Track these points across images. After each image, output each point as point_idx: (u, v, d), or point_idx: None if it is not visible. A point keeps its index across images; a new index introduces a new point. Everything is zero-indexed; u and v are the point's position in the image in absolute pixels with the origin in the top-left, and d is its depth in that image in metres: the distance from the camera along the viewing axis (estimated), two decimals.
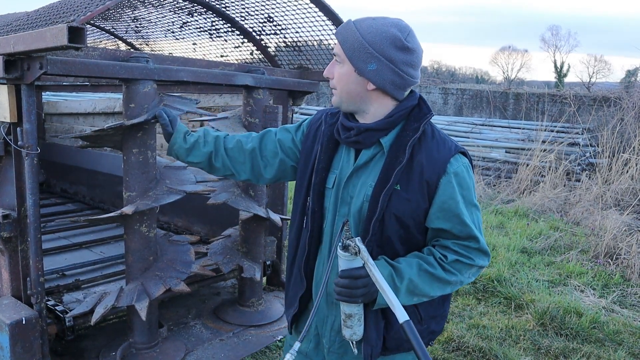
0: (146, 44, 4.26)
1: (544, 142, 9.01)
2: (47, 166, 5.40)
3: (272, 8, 3.12)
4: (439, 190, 1.47)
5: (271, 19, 3.22)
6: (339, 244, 1.40)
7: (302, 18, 3.08)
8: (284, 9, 3.09)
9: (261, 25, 3.32)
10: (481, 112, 12.23)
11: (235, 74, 2.70)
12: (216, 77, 2.61)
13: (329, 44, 3.19)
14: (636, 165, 7.88)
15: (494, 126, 10.60)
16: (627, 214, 6.48)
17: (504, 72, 35.24)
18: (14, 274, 2.31)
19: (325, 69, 1.54)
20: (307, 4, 2.95)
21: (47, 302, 2.55)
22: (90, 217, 2.43)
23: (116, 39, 4.37)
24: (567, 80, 26.31)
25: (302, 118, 1.85)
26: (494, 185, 8.98)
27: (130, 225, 2.41)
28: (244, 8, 3.22)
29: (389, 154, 1.50)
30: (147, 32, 4.05)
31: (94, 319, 2.31)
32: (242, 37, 3.48)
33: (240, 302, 3.17)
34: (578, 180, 8.43)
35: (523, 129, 10.09)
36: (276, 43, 3.42)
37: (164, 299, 2.95)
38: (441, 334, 3.05)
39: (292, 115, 3.44)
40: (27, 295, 2.27)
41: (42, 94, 5.55)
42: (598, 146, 9.05)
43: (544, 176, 8.49)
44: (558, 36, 32.60)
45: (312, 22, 3.07)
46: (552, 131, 9.38)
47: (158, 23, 3.79)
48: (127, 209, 2.27)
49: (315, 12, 2.99)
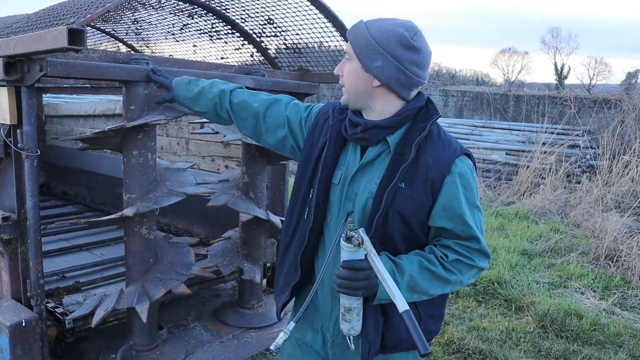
0: (146, 46, 4.27)
1: (544, 144, 9.01)
2: (47, 168, 5.41)
3: (273, 10, 3.13)
4: (443, 190, 1.49)
5: (271, 21, 3.22)
6: (342, 235, 1.41)
7: (303, 20, 3.08)
8: (284, 11, 3.09)
9: (261, 27, 3.32)
10: (482, 114, 12.23)
11: (235, 75, 2.71)
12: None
13: (329, 46, 3.19)
14: (637, 168, 7.88)
15: (495, 128, 10.60)
16: (628, 216, 6.48)
17: (504, 74, 35.26)
18: (14, 276, 2.31)
19: (324, 70, 1.56)
20: (307, 6, 2.96)
21: (47, 304, 2.55)
22: (90, 220, 2.43)
23: (116, 41, 4.38)
24: (567, 82, 26.31)
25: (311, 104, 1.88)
26: (494, 187, 8.98)
27: (130, 227, 2.41)
28: (244, 10, 3.22)
29: (395, 152, 1.51)
30: (147, 34, 4.06)
31: (95, 321, 2.31)
32: (242, 39, 3.49)
33: (240, 304, 3.17)
34: (578, 182, 8.43)
35: (523, 131, 10.09)
36: (276, 45, 3.42)
37: (163, 300, 2.95)
38: (441, 335, 3.06)
39: None
40: (27, 298, 2.27)
41: (42, 96, 5.56)
42: (598, 148, 9.05)
43: (545, 178, 8.49)
44: (558, 38, 32.58)
45: (312, 24, 3.07)
46: (553, 133, 9.37)
47: (158, 25, 3.79)
48: (128, 211, 2.27)
49: (316, 14, 2.99)
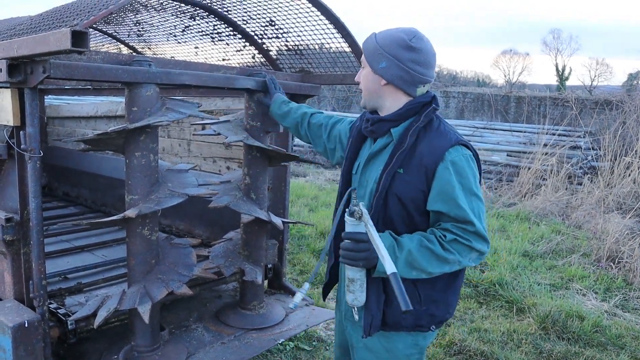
0: (148, 48, 4.28)
1: (545, 145, 9.01)
2: (49, 169, 5.42)
3: (274, 12, 3.13)
4: (436, 176, 1.64)
5: (273, 23, 3.23)
6: (347, 210, 1.59)
7: (304, 22, 3.09)
8: (286, 13, 3.10)
9: (263, 28, 3.33)
10: (482, 115, 12.23)
11: (237, 77, 2.71)
12: (218, 80, 2.62)
13: (331, 47, 3.20)
14: (638, 169, 7.87)
15: (496, 129, 10.61)
16: (629, 218, 6.47)
17: (505, 76, 35.26)
18: (17, 277, 2.31)
19: (326, 72, 1.76)
20: (309, 7, 2.96)
21: (50, 305, 2.56)
22: (92, 221, 2.43)
23: (118, 43, 4.39)
24: (568, 83, 26.30)
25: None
26: (496, 189, 8.97)
27: (132, 228, 2.41)
28: (246, 12, 3.23)
29: (397, 141, 1.71)
30: (149, 36, 4.07)
31: (97, 322, 2.32)
32: (244, 40, 3.49)
33: (242, 305, 3.17)
34: (580, 184, 8.42)
35: (525, 132, 10.09)
36: (278, 47, 3.43)
37: (165, 301, 2.95)
38: (442, 337, 3.05)
39: None
40: (29, 298, 2.27)
41: (45, 97, 5.57)
42: (600, 149, 9.04)
43: (546, 179, 8.49)
44: (560, 39, 32.58)
45: (314, 25, 3.08)
46: (554, 134, 9.37)
47: (160, 27, 3.80)
48: (130, 212, 2.27)
49: (317, 15, 3.00)
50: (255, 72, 2.87)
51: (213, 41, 3.67)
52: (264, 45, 3.46)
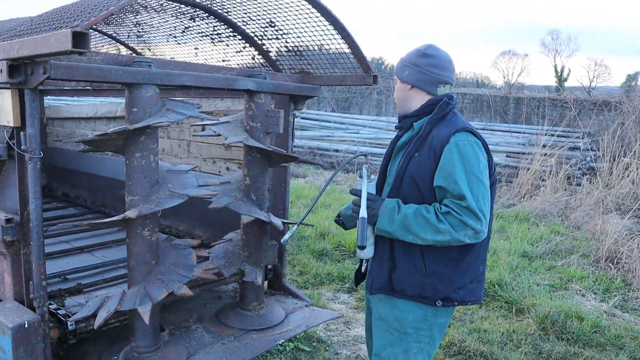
0: (148, 49, 4.28)
1: (544, 146, 9.02)
2: (48, 170, 5.42)
3: (274, 13, 3.14)
4: (442, 156, 1.88)
5: (273, 24, 3.23)
6: (359, 174, 1.98)
7: (304, 23, 3.09)
8: (285, 14, 3.10)
9: (263, 30, 3.33)
10: (482, 116, 12.23)
11: (237, 78, 2.71)
12: (218, 81, 2.62)
13: (330, 48, 3.20)
14: (637, 170, 7.88)
15: (495, 130, 10.62)
16: (628, 218, 6.48)
17: (504, 77, 35.22)
18: (17, 277, 2.31)
19: (325, 73, 2.24)
20: (308, 8, 2.97)
21: (50, 306, 2.56)
22: (92, 221, 2.43)
23: (118, 44, 4.39)
24: (567, 84, 26.29)
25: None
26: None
27: (132, 229, 2.41)
28: (245, 13, 3.23)
29: (417, 132, 2.01)
30: (149, 37, 4.07)
31: (97, 322, 2.32)
32: (243, 41, 3.50)
33: (242, 306, 3.17)
34: (579, 185, 8.44)
35: (524, 133, 10.10)
36: (278, 48, 3.43)
37: (165, 302, 2.95)
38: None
39: (293, 119, 3.45)
40: (29, 299, 2.27)
41: (44, 98, 5.57)
42: (599, 150, 9.06)
43: (545, 180, 8.50)
44: (558, 40, 32.52)
45: (313, 27, 3.08)
46: (553, 135, 9.39)
47: (160, 28, 3.80)
48: (131, 213, 2.28)
49: (317, 17, 3.00)
50: (255, 73, 2.87)
51: (213, 42, 3.67)
52: (264, 47, 3.46)
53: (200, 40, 3.73)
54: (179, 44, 3.93)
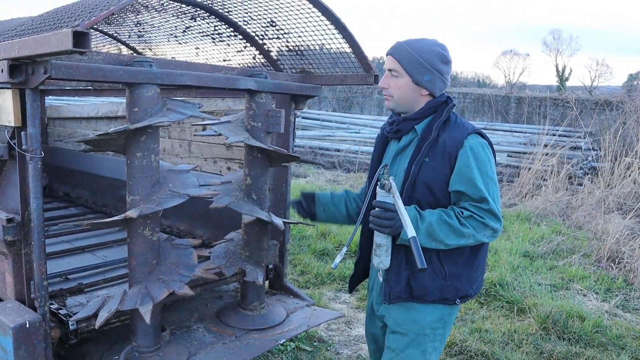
0: (149, 49, 4.28)
1: (546, 146, 9.01)
2: (49, 170, 5.42)
3: (275, 13, 3.13)
4: (457, 160, 1.87)
5: (274, 24, 3.23)
6: (378, 183, 1.84)
7: (305, 22, 3.09)
8: (286, 14, 3.10)
9: (264, 29, 3.33)
10: (483, 116, 12.22)
11: (237, 78, 2.71)
12: (219, 81, 2.62)
13: (331, 48, 3.20)
14: (638, 169, 7.87)
15: (496, 130, 10.61)
16: (630, 218, 6.47)
17: (505, 76, 35.19)
18: (18, 277, 2.31)
19: (326, 72, 1.86)
20: (309, 8, 2.96)
21: (51, 306, 2.56)
22: (93, 221, 2.43)
23: (119, 43, 4.39)
24: (569, 84, 26.28)
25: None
26: None
27: (133, 229, 2.41)
28: (246, 12, 3.23)
29: (421, 136, 1.96)
30: (149, 37, 4.07)
31: (99, 322, 2.31)
32: (244, 41, 3.50)
33: (243, 305, 3.17)
34: (580, 184, 8.42)
35: (525, 132, 10.10)
36: (279, 47, 3.43)
37: (166, 302, 2.95)
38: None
39: (294, 119, 3.45)
40: (30, 299, 2.27)
41: (45, 98, 5.57)
42: (600, 150, 9.04)
43: (546, 180, 8.49)
44: (560, 40, 32.49)
45: (314, 26, 3.08)
46: (554, 135, 9.38)
47: (161, 27, 3.80)
48: (131, 213, 2.27)
49: (318, 16, 3.00)
50: (256, 73, 2.87)
51: (214, 42, 3.67)
52: (265, 46, 3.46)
53: (201, 39, 3.73)
54: (179, 43, 3.93)
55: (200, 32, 3.64)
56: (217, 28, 3.50)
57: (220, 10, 3.28)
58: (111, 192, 4.83)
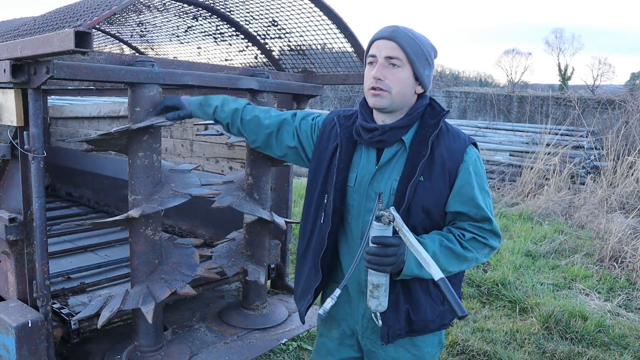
0: (151, 48, 4.28)
1: (548, 145, 9.00)
2: (51, 170, 5.43)
3: (277, 12, 3.13)
4: (458, 177, 1.64)
5: (275, 23, 3.23)
6: (373, 216, 1.52)
7: (307, 22, 3.09)
8: (288, 13, 3.10)
9: (265, 29, 3.33)
10: (485, 115, 12.21)
11: (239, 77, 2.71)
12: (221, 80, 2.62)
13: (333, 47, 3.20)
14: None
15: (498, 129, 10.59)
16: (632, 217, 6.46)
17: (507, 75, 35.17)
18: (20, 277, 2.32)
19: (328, 72, 1.61)
20: (311, 7, 2.96)
21: (53, 305, 2.56)
22: (95, 221, 2.44)
23: (121, 43, 4.40)
24: (571, 83, 26.22)
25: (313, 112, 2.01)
26: (498, 189, 8.96)
27: (135, 228, 2.42)
28: (248, 12, 3.23)
29: (411, 149, 1.65)
30: (151, 37, 4.07)
31: (101, 322, 2.32)
32: (246, 41, 3.50)
33: (245, 305, 3.17)
34: (582, 184, 8.41)
35: (527, 132, 10.07)
36: (280, 47, 3.43)
37: (168, 302, 2.95)
38: (445, 337, 3.03)
39: None
40: (33, 298, 2.27)
41: (47, 97, 5.58)
42: (603, 149, 9.02)
43: (549, 179, 8.47)
44: (562, 39, 32.50)
45: (316, 26, 3.08)
46: (557, 134, 9.36)
47: (163, 27, 3.81)
48: (133, 213, 2.28)
49: (320, 16, 3.00)
50: (257, 73, 2.87)
51: (216, 41, 3.67)
52: (267, 46, 3.46)
53: (203, 39, 3.73)
54: (181, 43, 3.93)
55: (202, 32, 3.64)
56: (219, 28, 3.50)
57: (222, 10, 3.28)
58: (113, 191, 4.84)
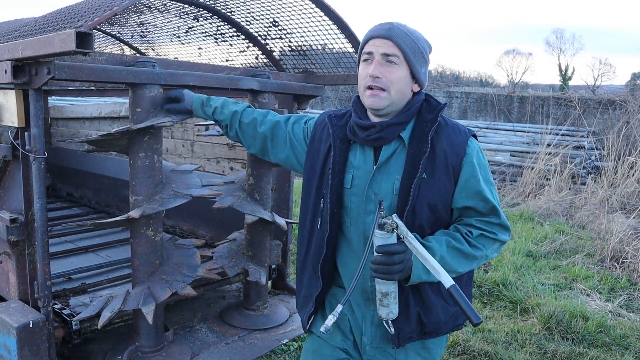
0: (152, 49, 4.29)
1: (549, 145, 8.99)
2: (52, 170, 5.43)
3: (278, 13, 3.14)
4: (462, 171, 1.58)
5: (276, 24, 3.23)
6: (375, 224, 1.46)
7: (307, 22, 3.09)
8: (289, 14, 3.10)
9: (266, 29, 3.33)
10: (486, 115, 12.21)
11: (240, 78, 2.71)
12: (222, 81, 2.62)
13: (334, 48, 3.20)
14: None
15: (499, 129, 10.58)
16: (633, 218, 6.45)
17: (508, 75, 35.17)
18: (22, 277, 2.32)
19: (329, 72, 1.57)
20: (312, 8, 2.97)
21: (54, 306, 2.57)
22: (96, 221, 2.44)
23: (122, 44, 4.40)
24: (571, 83, 26.23)
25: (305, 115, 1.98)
26: (499, 189, 8.95)
27: (136, 229, 2.42)
28: (249, 13, 3.23)
29: (410, 146, 1.59)
30: (152, 37, 4.07)
31: (102, 322, 2.32)
32: (247, 41, 3.50)
33: (246, 305, 3.17)
34: (583, 184, 8.40)
35: (528, 132, 10.07)
36: (281, 47, 3.43)
37: (169, 302, 2.95)
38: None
39: None
40: (34, 299, 2.28)
41: (48, 98, 5.58)
42: (603, 149, 9.02)
43: (549, 179, 8.47)
44: (562, 39, 32.52)
45: (317, 26, 3.08)
46: (557, 134, 9.35)
47: (164, 28, 3.81)
48: (134, 213, 2.28)
49: (320, 16, 3.00)
50: (258, 73, 2.87)
51: (216, 42, 3.67)
52: (268, 46, 3.46)
53: (204, 40, 3.74)
54: (182, 44, 3.93)
55: (203, 33, 3.65)
56: (219, 28, 3.50)
57: (223, 11, 3.29)
58: (114, 192, 4.84)
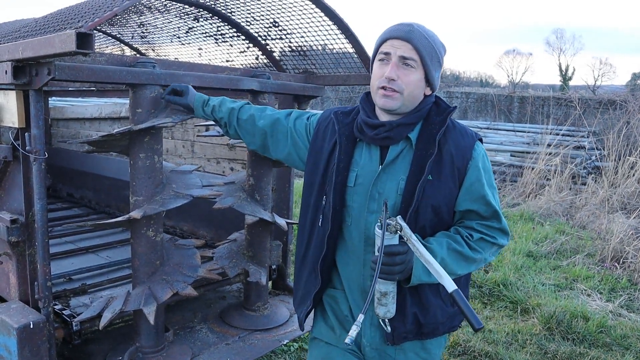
0: (152, 50, 4.29)
1: (549, 145, 8.99)
2: (53, 171, 5.43)
3: (278, 13, 3.14)
4: (467, 175, 1.59)
5: (276, 24, 3.23)
6: (377, 224, 1.49)
7: (307, 23, 3.09)
8: (289, 14, 3.10)
9: (266, 30, 3.33)
10: (486, 115, 12.21)
11: (241, 78, 2.71)
12: (222, 82, 2.62)
13: (334, 48, 3.20)
14: None
15: (499, 130, 10.59)
16: (634, 218, 6.45)
17: (508, 76, 35.16)
18: (22, 278, 2.32)
19: (329, 73, 1.56)
20: (312, 8, 2.96)
21: (55, 307, 2.56)
22: (97, 222, 2.44)
23: (122, 45, 4.40)
24: (572, 83, 26.23)
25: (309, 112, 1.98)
26: (500, 189, 8.95)
27: (137, 229, 2.42)
28: (249, 13, 3.23)
29: (418, 147, 1.60)
30: (153, 38, 4.07)
31: (102, 323, 2.32)
32: (247, 42, 3.50)
33: (246, 306, 3.17)
34: (584, 184, 8.40)
35: (528, 132, 10.07)
36: (281, 48, 3.43)
37: (169, 303, 2.95)
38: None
39: None
40: (34, 300, 2.28)
41: (49, 99, 5.59)
42: (604, 149, 9.02)
43: (550, 180, 8.47)
44: (563, 39, 32.52)
45: (317, 26, 3.08)
46: (558, 134, 9.35)
47: (164, 28, 3.81)
48: (135, 214, 2.28)
49: (321, 16, 3.00)
50: (258, 73, 2.87)
51: (217, 42, 3.68)
52: (268, 47, 3.46)
53: (204, 40, 3.74)
54: (182, 44, 3.94)
55: (203, 33, 3.65)
56: (220, 29, 3.50)
57: (223, 11, 3.29)
58: (115, 192, 4.84)
